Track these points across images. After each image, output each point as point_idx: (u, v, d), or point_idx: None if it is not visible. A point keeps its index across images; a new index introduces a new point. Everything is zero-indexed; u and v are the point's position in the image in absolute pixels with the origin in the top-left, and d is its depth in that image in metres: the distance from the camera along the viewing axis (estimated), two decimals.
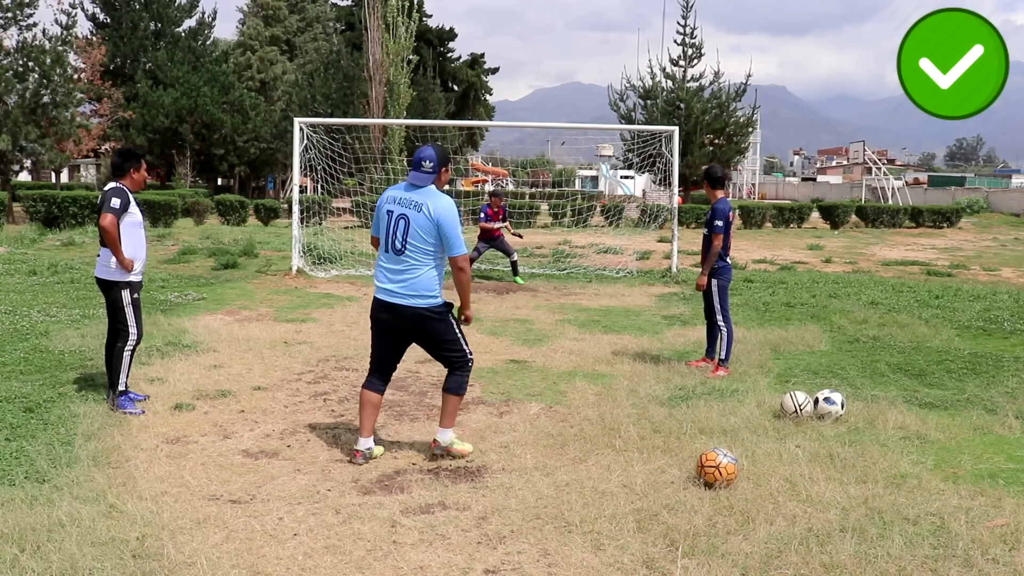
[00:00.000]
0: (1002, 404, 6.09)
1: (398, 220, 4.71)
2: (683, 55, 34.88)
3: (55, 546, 3.50)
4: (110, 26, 37.68)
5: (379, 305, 4.82)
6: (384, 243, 4.78)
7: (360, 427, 4.92)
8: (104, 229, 5.56)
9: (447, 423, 4.95)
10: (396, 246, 4.72)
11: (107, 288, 5.78)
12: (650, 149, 16.53)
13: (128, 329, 5.78)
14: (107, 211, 5.57)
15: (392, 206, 4.76)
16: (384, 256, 4.80)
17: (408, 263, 4.70)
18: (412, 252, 4.69)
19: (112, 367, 5.77)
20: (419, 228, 4.67)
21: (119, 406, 5.65)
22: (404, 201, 4.73)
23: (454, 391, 4.94)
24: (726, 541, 3.72)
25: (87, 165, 47.51)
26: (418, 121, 23.29)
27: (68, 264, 13.34)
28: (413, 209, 4.69)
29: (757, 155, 64.58)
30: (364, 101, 34.31)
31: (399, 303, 4.73)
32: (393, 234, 4.72)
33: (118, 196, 5.64)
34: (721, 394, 6.34)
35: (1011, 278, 15.59)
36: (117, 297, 5.75)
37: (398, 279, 4.73)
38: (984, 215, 40.31)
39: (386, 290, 4.77)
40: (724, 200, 7.27)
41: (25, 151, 25.00)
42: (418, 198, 4.70)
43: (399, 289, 4.73)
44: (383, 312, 4.82)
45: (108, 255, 5.68)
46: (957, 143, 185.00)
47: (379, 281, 4.81)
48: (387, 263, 4.78)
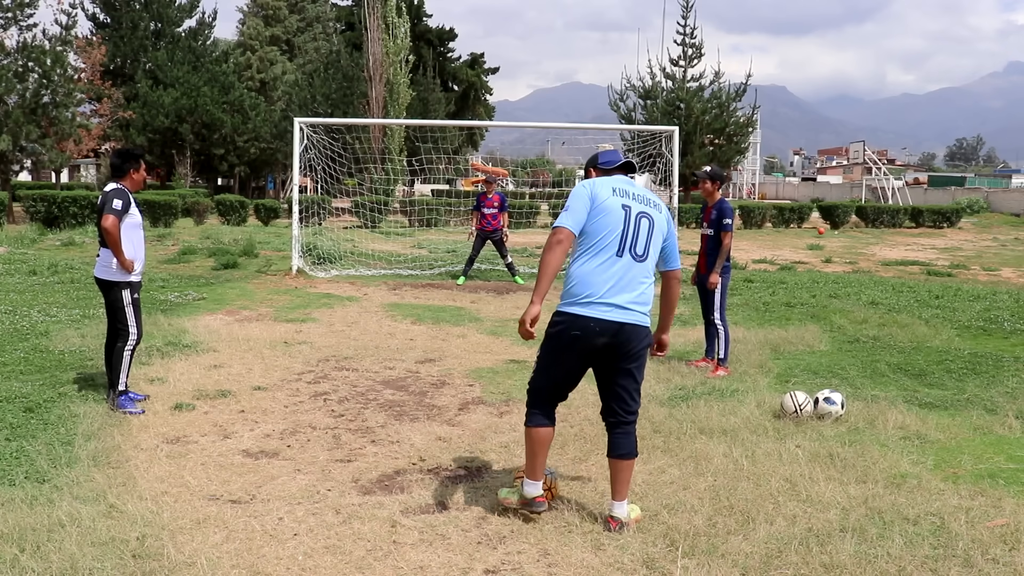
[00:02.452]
0: (1002, 404, 6.09)
1: (639, 219, 3.90)
2: (683, 55, 34.90)
3: (55, 546, 3.50)
4: (110, 26, 37.69)
5: (599, 328, 3.79)
6: (619, 246, 3.84)
7: (535, 470, 4.00)
8: (106, 231, 5.57)
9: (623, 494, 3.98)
10: (638, 251, 3.88)
11: (107, 288, 5.79)
12: (650, 149, 16.53)
13: (128, 329, 5.79)
14: (109, 212, 5.57)
15: (629, 201, 3.91)
16: (611, 262, 3.83)
17: (646, 273, 3.93)
18: (651, 261, 3.96)
19: (112, 367, 5.77)
20: (659, 232, 3.97)
21: (119, 406, 5.65)
22: (641, 198, 3.96)
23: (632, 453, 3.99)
24: (726, 541, 3.72)
25: (87, 165, 47.49)
26: (418, 121, 23.27)
27: (68, 264, 13.34)
28: (655, 209, 3.98)
29: (757, 155, 64.57)
30: (364, 101, 34.32)
31: (635, 323, 3.85)
32: (636, 236, 3.88)
33: (120, 197, 5.65)
34: (721, 394, 6.34)
35: (1011, 278, 15.59)
36: (117, 297, 5.77)
37: (636, 294, 3.86)
38: (984, 215, 40.33)
39: (615, 306, 3.80)
40: (725, 199, 7.41)
41: (25, 151, 25.00)
42: (652, 197, 4.02)
43: (635, 305, 3.86)
44: (603, 336, 3.80)
45: (108, 256, 5.69)
46: (957, 143, 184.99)
47: (599, 296, 3.80)
48: (621, 271, 3.84)
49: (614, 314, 3.80)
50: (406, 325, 9.37)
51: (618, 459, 3.96)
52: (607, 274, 3.82)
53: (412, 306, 10.87)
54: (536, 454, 3.99)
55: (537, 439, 3.98)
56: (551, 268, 3.80)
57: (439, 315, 10.12)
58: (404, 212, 26.98)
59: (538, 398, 4.04)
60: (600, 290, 3.80)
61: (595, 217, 3.85)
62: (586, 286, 3.82)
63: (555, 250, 3.80)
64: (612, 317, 3.79)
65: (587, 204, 3.86)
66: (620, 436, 3.98)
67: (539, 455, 3.99)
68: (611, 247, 3.83)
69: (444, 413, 5.88)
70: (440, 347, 8.20)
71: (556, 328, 3.90)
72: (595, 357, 3.90)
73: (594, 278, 3.81)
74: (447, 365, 7.41)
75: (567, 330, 3.84)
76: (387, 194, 27.80)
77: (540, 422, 4.00)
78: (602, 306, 3.79)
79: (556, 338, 3.90)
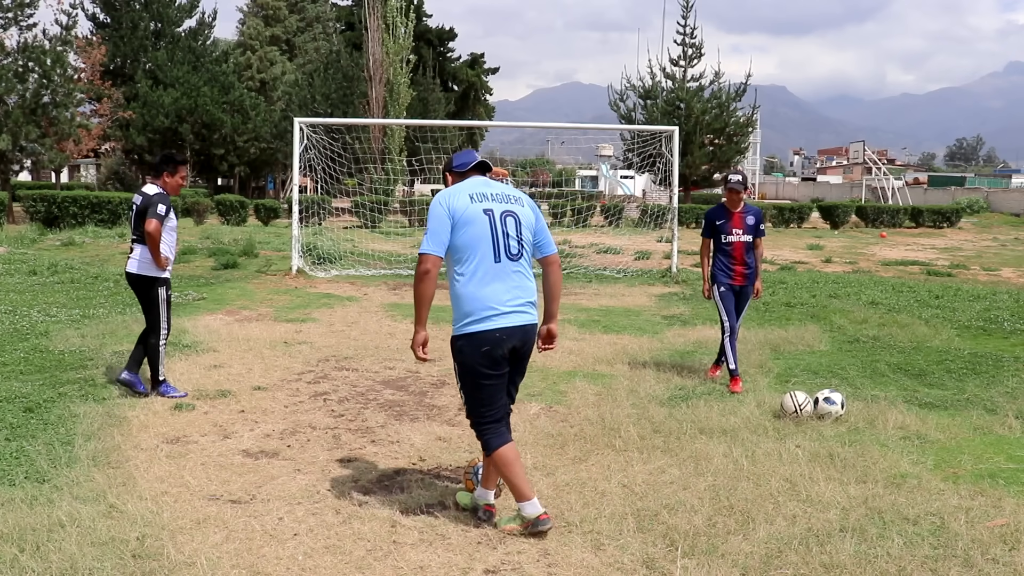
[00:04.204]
0: (1002, 404, 6.09)
1: (505, 219, 3.83)
2: (683, 55, 34.88)
3: (55, 546, 3.50)
4: (110, 26, 37.67)
5: (505, 335, 3.77)
6: (494, 252, 3.79)
7: (523, 489, 3.83)
8: (149, 235, 5.91)
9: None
10: (512, 251, 3.83)
11: (145, 285, 6.10)
12: (650, 149, 16.54)
13: (161, 324, 6.17)
14: (153, 217, 5.92)
15: (489, 204, 3.84)
16: (492, 272, 3.79)
17: (526, 270, 3.89)
18: (526, 257, 3.91)
19: (150, 362, 6.16)
20: (527, 225, 3.90)
21: (163, 392, 6.07)
22: (500, 196, 3.90)
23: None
24: (726, 541, 3.72)
25: (87, 165, 47.52)
26: (418, 121, 23.28)
27: (68, 264, 13.35)
28: (516, 203, 3.92)
29: (757, 155, 64.62)
30: (364, 101, 34.33)
31: (533, 323, 3.89)
32: (506, 237, 3.81)
33: (164, 203, 6.01)
34: (721, 394, 6.35)
35: (1011, 278, 15.59)
36: (155, 294, 6.11)
37: (525, 293, 3.86)
38: (984, 215, 40.34)
39: (513, 311, 3.80)
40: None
41: (25, 151, 25.01)
42: (509, 191, 3.98)
43: (529, 307, 3.87)
44: (510, 342, 3.79)
45: (145, 253, 6.03)
46: (957, 143, 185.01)
47: (501, 304, 3.77)
48: (504, 277, 3.81)
49: (514, 319, 3.79)
50: (406, 325, 9.37)
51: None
52: (493, 285, 3.77)
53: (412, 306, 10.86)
54: (513, 473, 3.85)
55: (505, 459, 3.85)
56: (426, 298, 3.81)
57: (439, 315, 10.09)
58: (404, 212, 26.98)
59: (483, 422, 3.90)
60: (493, 302, 3.76)
61: (460, 230, 3.77)
62: (477, 302, 3.76)
63: (425, 280, 3.77)
64: (514, 323, 3.78)
65: (447, 222, 3.77)
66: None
67: (517, 472, 3.86)
68: (486, 257, 3.78)
69: (444, 413, 5.88)
70: (440, 347, 8.19)
71: (463, 354, 3.82)
72: (506, 362, 3.87)
73: (482, 293, 3.76)
74: (447, 365, 7.37)
75: (477, 348, 3.77)
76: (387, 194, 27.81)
77: (500, 442, 3.87)
78: (501, 316, 3.76)
79: (469, 362, 3.81)
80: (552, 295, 4.05)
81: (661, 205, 17.68)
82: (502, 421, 3.92)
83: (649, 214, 17.80)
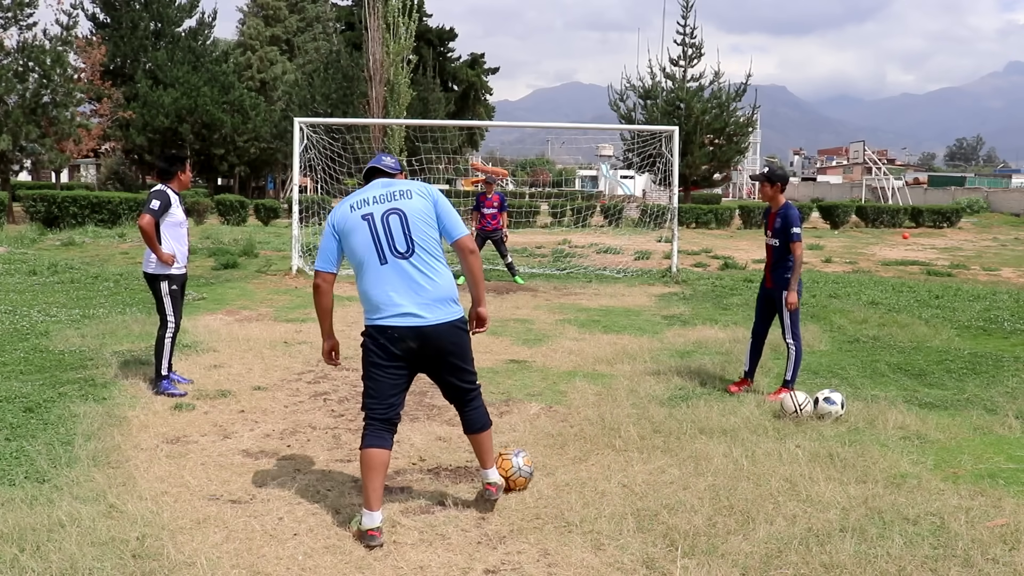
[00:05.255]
0: (1002, 404, 6.10)
1: (387, 219, 3.83)
2: (683, 55, 34.89)
3: (55, 546, 3.50)
4: (110, 26, 37.65)
5: (398, 334, 3.79)
6: (378, 255, 3.81)
7: (371, 498, 3.77)
8: (141, 228, 6.02)
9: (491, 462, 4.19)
10: (400, 248, 3.81)
11: (152, 281, 6.25)
12: (650, 149, 16.54)
13: (167, 318, 6.25)
14: (145, 212, 6.02)
15: (369, 208, 3.86)
16: (380, 273, 3.82)
17: (426, 264, 3.84)
18: (423, 251, 3.84)
19: (155, 354, 6.22)
20: (420, 217, 3.85)
21: (162, 389, 6.07)
22: (384, 197, 3.89)
23: (487, 425, 4.17)
24: (726, 541, 3.72)
25: (87, 165, 47.51)
26: (418, 121, 23.27)
27: (68, 264, 13.35)
28: (404, 198, 3.87)
29: (757, 155, 64.60)
30: (364, 101, 34.29)
31: (436, 323, 3.81)
32: (390, 237, 3.81)
33: (158, 198, 6.09)
34: (721, 394, 6.35)
35: (1011, 278, 15.59)
36: (158, 288, 6.23)
37: (420, 294, 3.80)
38: (984, 215, 40.34)
39: (408, 313, 3.78)
40: (791, 204, 6.40)
41: (25, 151, 25.03)
42: (400, 186, 3.93)
43: (429, 308, 3.81)
44: (406, 342, 3.80)
45: (150, 251, 6.15)
46: (957, 143, 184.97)
47: (389, 306, 3.80)
48: (395, 277, 3.81)
49: (409, 320, 3.79)
50: None
51: (475, 434, 4.14)
52: (383, 286, 3.82)
53: None
54: (369, 479, 3.79)
55: (367, 461, 3.81)
56: (323, 310, 3.98)
57: None
58: None
59: (368, 416, 3.91)
60: (384, 302, 3.82)
61: (346, 241, 3.89)
62: (371, 301, 3.87)
63: (317, 294, 3.95)
64: (408, 323, 3.79)
65: (332, 239, 3.92)
66: (471, 412, 4.11)
67: (373, 479, 3.78)
68: (371, 260, 3.84)
69: (444, 413, 5.87)
70: None
71: (364, 343, 3.93)
72: (411, 363, 3.89)
73: (373, 292, 3.85)
74: None
75: (375, 341, 3.87)
76: None
77: (371, 443, 3.84)
78: (394, 316, 3.80)
79: (367, 351, 3.91)
80: (473, 280, 4.03)
81: (661, 205, 17.67)
82: (386, 423, 3.90)
83: (649, 214, 17.81)
